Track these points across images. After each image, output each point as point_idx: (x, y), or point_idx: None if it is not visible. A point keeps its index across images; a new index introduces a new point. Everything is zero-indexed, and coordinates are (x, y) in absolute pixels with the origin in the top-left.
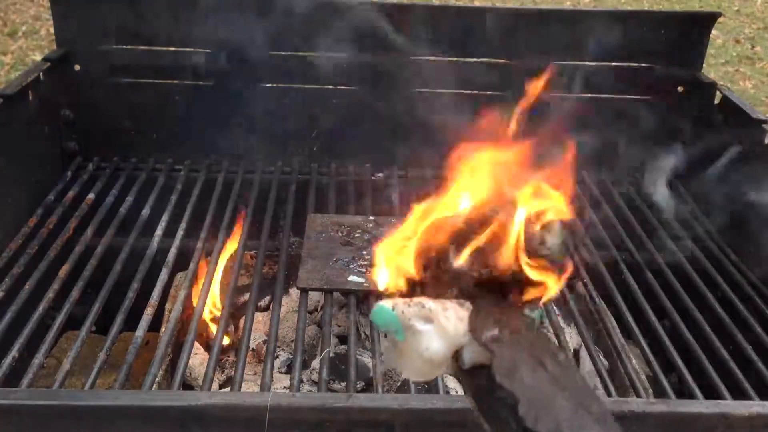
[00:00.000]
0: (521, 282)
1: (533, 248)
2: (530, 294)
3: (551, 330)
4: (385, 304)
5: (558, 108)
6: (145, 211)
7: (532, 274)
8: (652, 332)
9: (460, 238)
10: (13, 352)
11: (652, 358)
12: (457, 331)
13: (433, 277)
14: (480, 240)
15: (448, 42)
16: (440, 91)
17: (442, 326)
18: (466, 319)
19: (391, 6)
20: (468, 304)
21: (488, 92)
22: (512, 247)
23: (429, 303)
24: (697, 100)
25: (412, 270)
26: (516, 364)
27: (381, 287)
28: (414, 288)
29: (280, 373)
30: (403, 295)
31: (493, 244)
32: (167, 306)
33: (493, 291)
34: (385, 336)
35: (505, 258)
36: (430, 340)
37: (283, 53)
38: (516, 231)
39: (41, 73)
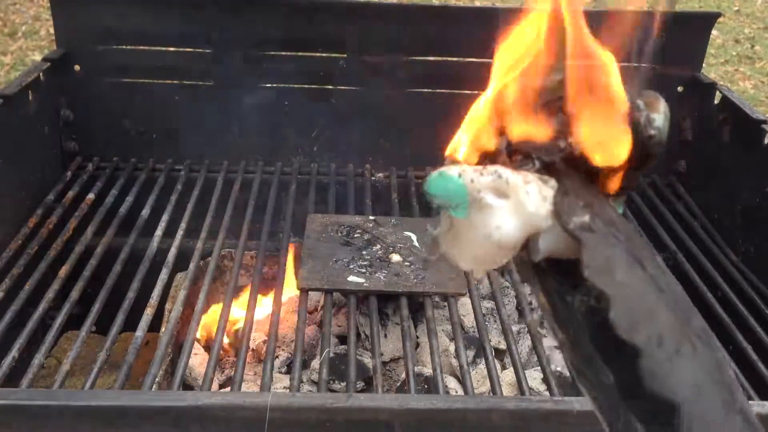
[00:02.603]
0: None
1: (639, 127)
2: (618, 180)
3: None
4: (449, 170)
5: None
6: (145, 211)
7: (628, 155)
8: None
9: (548, 101)
10: (13, 352)
11: None
12: (538, 211)
13: (511, 145)
14: (576, 104)
15: (448, 42)
16: (440, 92)
17: (520, 202)
18: (549, 199)
19: (391, 6)
20: (552, 182)
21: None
22: (613, 121)
23: (507, 173)
24: (697, 100)
25: (485, 133)
26: (610, 259)
27: (447, 152)
28: (484, 158)
29: (280, 373)
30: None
31: (590, 111)
32: (167, 306)
33: (580, 171)
34: (437, 212)
35: (603, 133)
36: (503, 218)
37: (284, 53)
38: (618, 102)
39: (41, 74)
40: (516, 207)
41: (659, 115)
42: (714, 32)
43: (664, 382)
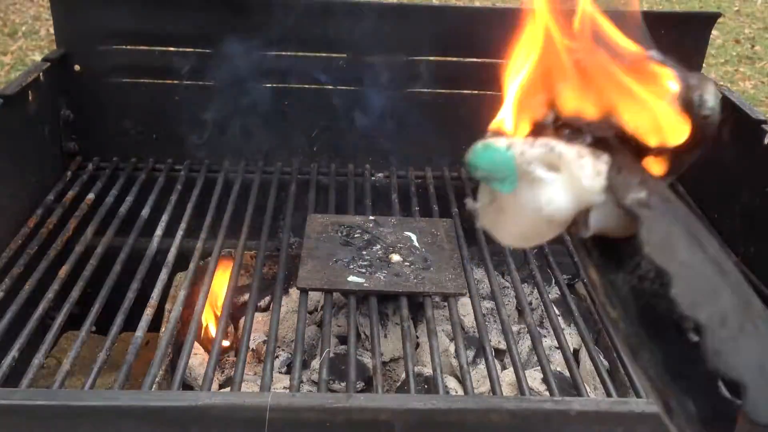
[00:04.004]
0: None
1: (693, 106)
2: (667, 162)
3: (551, 329)
4: (497, 141)
5: None
6: (145, 211)
7: (684, 135)
8: None
9: (603, 75)
10: (13, 352)
11: None
12: (591, 186)
13: (559, 119)
14: (629, 82)
15: (448, 42)
16: (440, 92)
17: (574, 176)
18: (603, 174)
19: (390, 6)
20: (606, 157)
21: (489, 92)
22: (667, 100)
23: (560, 146)
24: None
25: (532, 106)
26: (670, 236)
27: (491, 127)
28: (533, 131)
29: (280, 373)
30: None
31: (645, 89)
32: (167, 306)
33: (632, 149)
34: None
35: (658, 112)
36: (555, 192)
37: (283, 53)
38: (669, 80)
39: (41, 73)
40: (569, 181)
41: (711, 96)
42: (714, 32)
43: (728, 360)
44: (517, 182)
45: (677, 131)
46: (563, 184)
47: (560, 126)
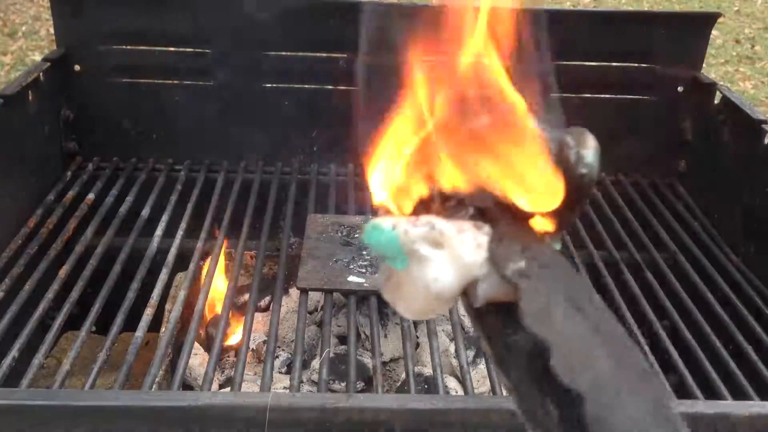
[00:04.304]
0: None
1: (568, 166)
2: (552, 221)
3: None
4: (383, 222)
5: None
6: (145, 211)
7: (561, 196)
8: (652, 332)
9: (476, 145)
10: (13, 352)
11: (652, 358)
12: (474, 260)
13: (442, 192)
14: (503, 150)
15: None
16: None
17: (456, 253)
18: (485, 246)
19: (391, 6)
20: (487, 228)
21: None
22: (542, 162)
23: (440, 223)
24: (697, 100)
25: (413, 183)
26: (548, 304)
27: (376, 201)
28: (417, 206)
29: (280, 373)
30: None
31: (519, 155)
32: (167, 306)
33: (514, 214)
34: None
35: (533, 175)
36: (440, 270)
37: (283, 53)
38: (544, 141)
39: (41, 73)
40: (452, 257)
41: (589, 151)
42: (714, 32)
43: (607, 425)
44: (406, 260)
45: (551, 194)
46: (447, 260)
47: (444, 199)
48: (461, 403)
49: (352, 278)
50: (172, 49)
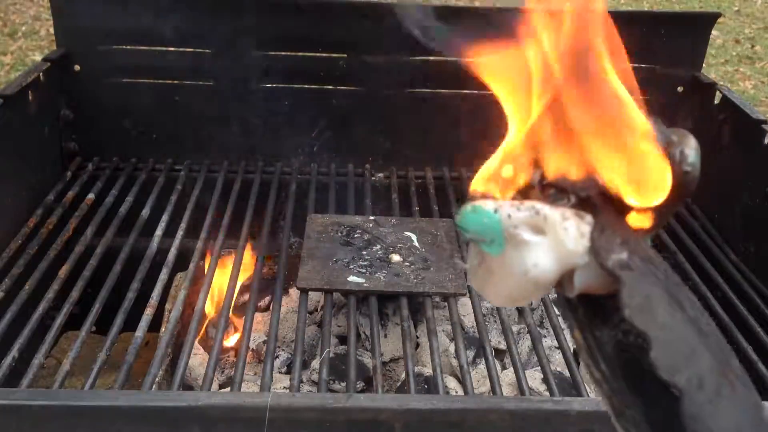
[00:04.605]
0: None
1: (674, 163)
2: (651, 217)
3: (551, 329)
4: (484, 204)
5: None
6: (145, 211)
7: (666, 192)
8: None
9: (586, 134)
10: (13, 352)
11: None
12: (576, 248)
13: (543, 180)
14: (614, 141)
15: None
16: (440, 92)
17: (559, 240)
18: (587, 236)
19: (391, 6)
20: (589, 218)
21: (488, 92)
22: (652, 156)
23: (545, 209)
24: (697, 100)
25: (518, 167)
26: (650, 298)
27: (473, 187)
28: (516, 193)
29: (280, 373)
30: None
31: (630, 147)
32: (167, 306)
33: (615, 207)
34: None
35: (642, 168)
36: (540, 256)
37: (284, 53)
38: (648, 137)
39: (41, 73)
40: (554, 244)
41: (692, 150)
42: (714, 32)
43: (705, 424)
44: (504, 245)
45: (657, 190)
46: (548, 246)
47: (546, 186)
48: (461, 403)
49: (352, 278)
50: (172, 49)
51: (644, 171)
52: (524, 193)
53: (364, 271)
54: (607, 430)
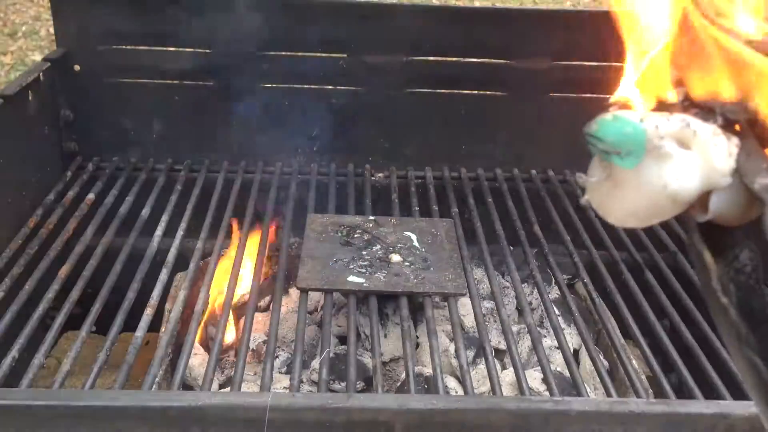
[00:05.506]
0: None
1: None
2: None
3: (551, 329)
4: (629, 114)
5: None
6: (145, 211)
7: None
8: (652, 332)
9: (744, 59)
10: (13, 352)
11: (652, 358)
12: (722, 167)
13: (688, 99)
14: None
15: (447, 42)
16: (440, 92)
17: (707, 155)
18: (734, 156)
19: (391, 6)
20: (736, 140)
21: (488, 92)
22: None
23: (695, 122)
24: None
25: (662, 83)
26: None
27: (617, 95)
28: (658, 107)
29: (280, 373)
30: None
31: None
32: (167, 306)
33: (760, 135)
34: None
35: None
36: (684, 170)
37: (284, 53)
38: None
39: (41, 74)
40: (701, 159)
41: None
42: None
43: None
44: (642, 156)
45: None
46: (694, 162)
47: (688, 105)
48: (461, 403)
49: (352, 278)
50: (172, 49)
51: None
52: (668, 109)
53: (364, 271)
54: (607, 431)
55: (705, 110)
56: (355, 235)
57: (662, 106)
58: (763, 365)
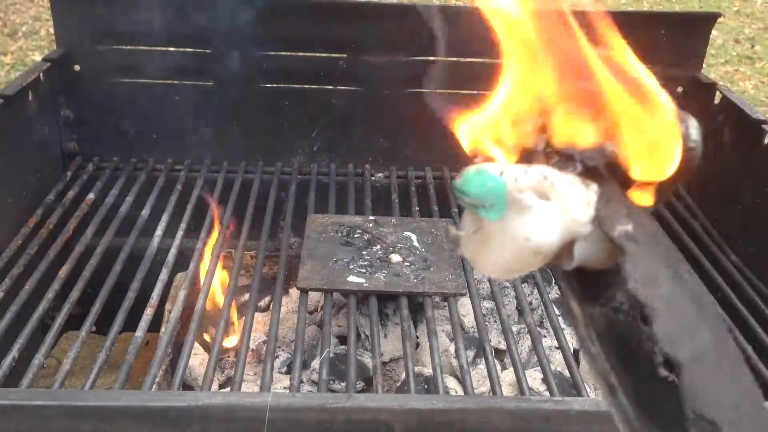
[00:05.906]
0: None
1: (682, 138)
2: (652, 192)
3: (551, 329)
4: (489, 167)
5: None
6: (145, 211)
7: (674, 167)
8: None
9: (600, 102)
10: (13, 352)
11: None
12: (581, 216)
13: (549, 145)
14: (629, 111)
15: (448, 42)
16: (439, 92)
17: (565, 206)
18: (593, 205)
19: (391, 6)
20: (595, 187)
21: (488, 92)
22: (667, 131)
23: (553, 174)
24: (697, 100)
25: (518, 133)
26: (653, 271)
27: (467, 148)
28: (519, 158)
29: (280, 373)
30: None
31: (645, 120)
32: (167, 306)
33: (620, 179)
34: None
35: (654, 142)
36: (545, 222)
37: (283, 53)
38: (666, 111)
39: (41, 74)
40: (559, 210)
41: (695, 130)
42: (714, 32)
43: (703, 398)
44: (505, 210)
45: (667, 163)
46: (553, 213)
47: (550, 153)
48: (461, 403)
49: (352, 278)
50: (172, 49)
51: (656, 143)
52: (527, 159)
53: (364, 271)
54: (607, 430)
55: (565, 158)
56: (355, 235)
57: (526, 155)
58: (634, 412)
